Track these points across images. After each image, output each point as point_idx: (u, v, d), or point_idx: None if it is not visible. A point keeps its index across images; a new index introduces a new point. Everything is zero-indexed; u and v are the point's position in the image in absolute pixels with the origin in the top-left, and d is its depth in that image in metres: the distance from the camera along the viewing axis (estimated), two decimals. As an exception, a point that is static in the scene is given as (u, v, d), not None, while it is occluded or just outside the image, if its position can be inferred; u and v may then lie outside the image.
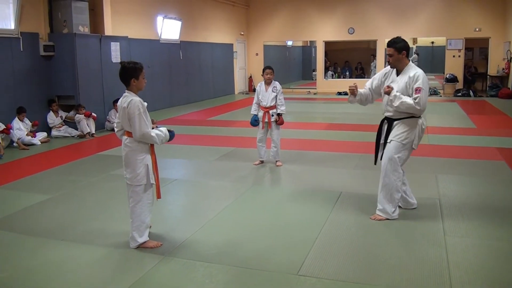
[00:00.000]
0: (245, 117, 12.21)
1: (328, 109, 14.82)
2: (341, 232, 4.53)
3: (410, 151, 4.81)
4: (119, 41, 11.64)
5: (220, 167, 7.27)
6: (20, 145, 8.94)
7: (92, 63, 10.79)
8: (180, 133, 10.06)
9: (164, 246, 4.21)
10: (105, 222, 4.91)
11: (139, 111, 3.93)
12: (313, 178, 6.52)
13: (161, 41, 14.76)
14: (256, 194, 5.83)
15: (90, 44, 10.74)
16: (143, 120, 3.95)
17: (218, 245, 4.26)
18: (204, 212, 5.17)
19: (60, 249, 4.25)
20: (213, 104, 16.24)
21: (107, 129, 11.04)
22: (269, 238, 4.41)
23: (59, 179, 6.72)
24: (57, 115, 10.34)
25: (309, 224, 4.74)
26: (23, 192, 6.09)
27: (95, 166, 7.49)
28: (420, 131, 4.76)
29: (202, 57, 17.47)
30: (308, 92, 20.56)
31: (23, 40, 9.75)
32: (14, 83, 9.61)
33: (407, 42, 4.79)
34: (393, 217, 4.79)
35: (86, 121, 10.18)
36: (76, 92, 10.41)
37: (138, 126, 3.93)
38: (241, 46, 21.10)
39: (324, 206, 5.24)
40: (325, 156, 7.81)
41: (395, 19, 18.76)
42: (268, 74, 7.06)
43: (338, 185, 6.03)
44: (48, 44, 10.31)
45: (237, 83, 20.62)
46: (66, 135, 10.24)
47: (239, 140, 9.33)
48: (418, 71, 4.67)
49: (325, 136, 9.69)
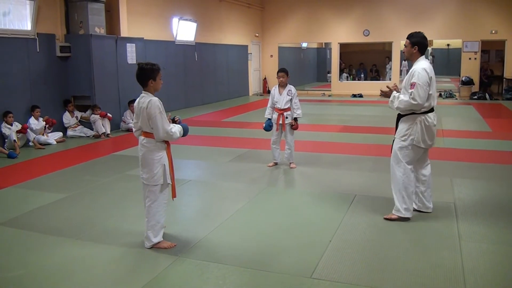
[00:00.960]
0: (259, 119, 12.23)
1: (342, 111, 14.76)
2: (355, 235, 4.51)
3: (415, 149, 4.75)
4: (134, 43, 11.73)
5: (234, 168, 7.28)
6: (36, 145, 9.05)
7: (108, 64, 10.89)
8: (195, 134, 10.11)
9: (178, 246, 4.23)
10: (120, 222, 4.94)
11: (159, 110, 3.96)
12: (327, 180, 6.50)
13: (176, 42, 14.84)
14: (270, 196, 5.83)
15: (106, 45, 10.84)
16: (164, 118, 4.00)
17: (232, 246, 4.27)
18: (218, 213, 5.18)
19: (75, 248, 4.29)
20: (227, 106, 16.28)
21: (122, 130, 11.13)
22: (282, 240, 4.41)
23: (74, 178, 6.79)
24: (72, 115, 10.44)
25: (323, 226, 4.72)
26: (38, 191, 6.17)
27: (110, 166, 7.55)
28: (424, 128, 4.68)
29: (217, 58, 17.52)
30: (323, 94, 20.51)
31: (40, 41, 9.88)
32: (30, 84, 9.74)
33: (425, 39, 4.78)
34: (404, 215, 4.78)
35: (102, 121, 10.27)
36: (91, 92, 10.51)
37: (161, 124, 3.96)
38: (256, 48, 21.12)
39: (338, 209, 5.22)
40: (339, 158, 7.78)
41: (411, 21, 18.63)
42: (280, 77, 7.03)
43: (353, 188, 6.00)
44: (65, 45, 10.43)
45: (251, 85, 20.65)
46: (82, 135, 10.34)
47: (253, 142, 9.34)
48: (417, 66, 4.67)
49: (340, 138, 9.66)
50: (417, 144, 4.72)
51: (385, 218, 4.85)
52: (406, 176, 4.77)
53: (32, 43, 9.74)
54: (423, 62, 4.72)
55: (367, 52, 22.84)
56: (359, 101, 17.58)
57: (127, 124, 11.05)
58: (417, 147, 4.75)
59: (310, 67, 27.55)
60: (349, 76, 22.55)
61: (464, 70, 18.67)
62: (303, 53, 26.15)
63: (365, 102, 17.14)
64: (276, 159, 7.30)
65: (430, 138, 4.75)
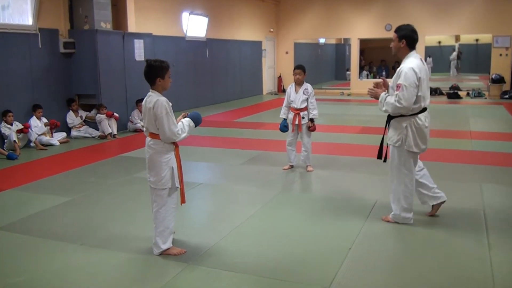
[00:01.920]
0: (274, 119, 12.21)
1: (362, 111, 14.70)
2: (376, 244, 4.48)
3: (410, 154, 4.69)
4: (143, 38, 11.80)
5: (247, 171, 7.29)
6: (38, 145, 9.13)
7: (115, 61, 10.97)
8: (205, 135, 10.14)
9: (188, 253, 4.23)
10: (127, 227, 4.97)
11: (166, 111, 3.97)
12: (346, 185, 6.47)
13: (186, 38, 14.90)
14: (284, 201, 5.82)
15: (113, 41, 10.92)
16: (171, 119, 3.99)
17: (244, 253, 4.26)
18: (230, 218, 5.18)
19: (79, 254, 4.32)
20: (240, 105, 16.30)
21: (130, 130, 11.19)
22: (298, 247, 4.39)
23: (78, 181, 6.84)
24: (77, 115, 10.53)
25: (342, 234, 4.70)
26: (40, 194, 6.22)
27: (117, 168, 7.60)
28: (415, 131, 4.62)
29: (229, 55, 17.56)
30: (341, 93, 20.45)
31: (42, 36, 9.96)
32: (32, 82, 9.84)
33: (414, 33, 4.75)
34: (405, 221, 4.83)
35: (108, 121, 10.34)
36: (97, 91, 10.59)
37: (167, 126, 3.97)
38: (271, 44, 21.13)
39: (357, 216, 5.19)
40: (359, 161, 7.74)
41: (437, 15, 18.50)
42: (297, 74, 7.01)
43: (373, 193, 5.97)
44: (68, 41, 10.52)
45: (265, 83, 20.66)
46: (86, 135, 10.42)
47: (268, 143, 9.34)
48: (405, 65, 4.60)
49: (359, 140, 9.62)
50: (410, 149, 4.66)
51: (382, 219, 4.98)
52: (406, 186, 4.75)
53: (33, 38, 9.84)
54: (412, 59, 4.65)
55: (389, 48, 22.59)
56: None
57: (134, 124, 11.11)
58: (411, 153, 4.69)
59: (328, 65, 27.50)
60: (369, 74, 22.48)
61: (494, 67, 18.46)
62: (321, 49, 26.12)
63: (387, 102, 17.00)
64: (291, 161, 7.29)
65: (423, 141, 4.68)
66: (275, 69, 21.79)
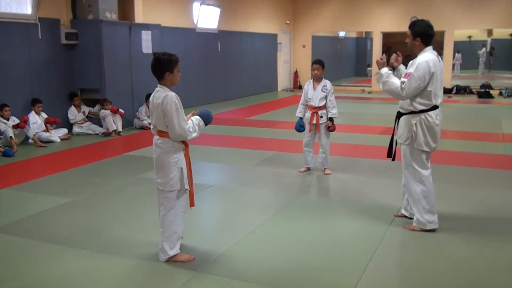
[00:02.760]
0: (289, 118, 12.18)
1: (385, 110, 14.60)
2: (400, 254, 4.44)
3: (421, 151, 4.78)
4: (150, 30, 11.84)
5: (260, 173, 7.27)
6: (37, 142, 9.17)
7: (120, 54, 11.01)
8: (216, 134, 10.14)
9: (197, 260, 4.22)
10: (132, 231, 4.97)
11: (176, 107, 3.94)
12: (367, 189, 6.43)
13: (197, 30, 14.92)
14: (300, 206, 5.79)
15: (118, 33, 10.97)
16: (180, 115, 3.97)
17: (257, 261, 4.24)
18: (242, 223, 5.17)
19: (80, 259, 4.32)
20: (253, 102, 16.30)
21: (136, 127, 11.24)
22: (315, 256, 4.37)
23: (80, 180, 6.87)
24: (79, 110, 10.58)
25: (362, 243, 4.66)
26: (39, 194, 6.26)
27: (122, 168, 7.62)
28: (425, 129, 4.72)
29: (242, 48, 17.57)
30: (362, 91, 20.36)
31: (42, 26, 10.02)
32: (31, 75, 9.90)
33: (430, 28, 4.86)
34: (429, 226, 4.81)
35: (112, 117, 10.38)
36: (101, 85, 10.64)
37: (177, 122, 3.95)
38: (287, 37, 21.11)
39: (379, 223, 5.15)
40: (381, 164, 7.68)
41: (467, 7, 18.34)
42: (315, 70, 6.99)
43: (397, 199, 5.91)
44: (71, 32, 10.58)
45: (280, 79, 20.64)
46: (89, 132, 10.48)
47: (282, 144, 9.32)
48: (421, 57, 4.72)
49: (381, 141, 9.53)
50: (420, 148, 4.76)
51: (408, 228, 4.93)
52: (423, 184, 4.80)
53: (33, 29, 9.89)
54: (428, 54, 4.76)
55: (415, 43, 22.52)
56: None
57: (141, 121, 11.15)
58: (422, 151, 4.78)
59: (348, 60, 27.41)
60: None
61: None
62: (340, 43, 26.03)
63: (412, 101, 16.90)
64: (308, 163, 7.26)
65: (434, 140, 4.78)
66: (291, 64, 21.76)
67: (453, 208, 5.54)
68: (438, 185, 5.04)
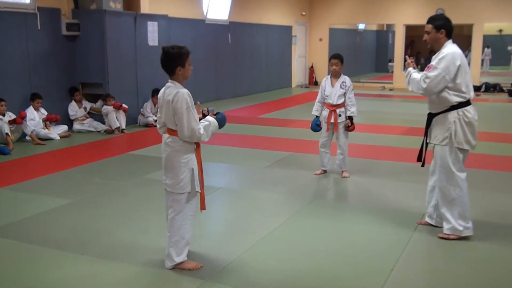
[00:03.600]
0: (304, 116, 12.16)
1: (407, 109, 14.55)
2: (424, 263, 4.41)
3: (459, 152, 4.79)
4: (157, 21, 11.87)
5: (273, 175, 7.26)
6: (35, 139, 9.21)
7: (125, 46, 11.04)
8: (226, 133, 10.13)
9: (205, 268, 4.22)
10: (136, 235, 4.97)
11: (187, 105, 3.92)
12: (387, 194, 6.39)
13: (206, 21, 14.93)
14: (316, 211, 5.78)
15: (123, 24, 11.00)
16: (191, 115, 3.94)
17: (270, 270, 4.23)
18: (254, 229, 5.17)
19: (79, 265, 4.33)
20: (266, 99, 16.29)
21: (140, 124, 11.26)
22: (332, 265, 4.35)
23: (81, 181, 6.89)
24: (80, 106, 10.61)
25: (383, 251, 4.63)
26: (36, 195, 6.28)
27: (125, 168, 7.64)
28: (464, 125, 4.74)
29: (254, 41, 17.57)
30: (383, 88, 20.30)
31: (41, 16, 10.04)
32: (29, 68, 9.94)
33: (450, 22, 5.00)
34: (463, 233, 4.79)
35: (115, 114, 10.40)
36: (104, 79, 10.68)
37: (187, 122, 3.92)
38: (302, 30, 21.09)
39: (402, 230, 5.12)
40: (403, 167, 7.64)
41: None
42: (333, 65, 6.96)
43: (420, 205, 5.86)
44: (72, 22, 10.62)
45: (295, 74, 20.63)
46: (91, 129, 10.52)
47: (297, 144, 9.31)
48: (446, 50, 4.76)
49: (404, 142, 9.51)
50: (460, 146, 4.76)
51: (440, 236, 4.87)
52: (460, 188, 4.79)
53: (32, 19, 9.92)
54: (453, 46, 4.83)
55: (440, 37, 22.40)
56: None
57: (146, 117, 11.17)
58: (461, 150, 4.79)
59: (368, 54, 27.33)
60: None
61: None
62: (360, 36, 25.96)
63: (436, 99, 16.81)
64: (325, 165, 7.23)
65: (474, 137, 4.82)
66: (307, 58, 21.73)
67: (483, 216, 5.47)
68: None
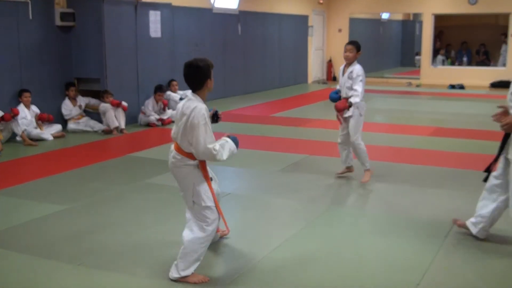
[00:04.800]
0: (322, 115, 12.20)
1: (435, 107, 14.51)
2: (453, 279, 4.41)
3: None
4: (159, 10, 11.92)
5: (287, 180, 7.27)
6: (26, 140, 9.25)
7: (125, 38, 11.10)
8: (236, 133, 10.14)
9: (212, 282, 4.25)
10: (137, 245, 5.00)
11: (205, 121, 4.10)
12: (413, 201, 6.38)
13: (214, 10, 14.96)
14: (335, 219, 5.80)
15: (123, 13, 11.06)
16: (209, 132, 4.12)
17: (282, 284, 4.25)
18: (265, 239, 5.19)
19: (76, 276, 4.38)
20: (279, 96, 16.29)
21: (141, 124, 11.28)
22: (353, 279, 4.37)
23: (76, 185, 6.94)
24: (74, 104, 10.66)
25: (408, 265, 4.64)
26: (27, 200, 6.33)
27: (125, 171, 7.70)
28: None
29: (267, 33, 17.56)
30: (409, 84, 20.22)
31: (33, 5, 10.08)
32: (20, 61, 10.00)
33: None
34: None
35: (114, 112, 10.43)
36: (102, 74, 10.74)
37: (203, 139, 4.07)
38: (319, 19, 21.07)
39: (428, 242, 5.11)
40: (430, 172, 7.64)
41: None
42: (346, 51, 6.91)
43: (449, 214, 5.87)
44: (67, 12, 10.67)
45: (311, 69, 20.60)
46: (87, 129, 10.57)
47: (314, 145, 9.32)
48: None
49: (431, 144, 9.49)
50: None
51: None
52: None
53: (23, 8, 9.96)
54: None
55: (473, 28, 22.34)
56: (460, 94, 17.22)
57: (147, 116, 11.20)
58: None
59: (392, 47, 27.24)
60: (446, 60, 22.17)
61: None
62: (383, 27, 25.89)
63: (468, 96, 16.78)
64: (345, 162, 7.22)
65: None
66: (324, 51, 21.71)
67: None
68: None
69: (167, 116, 11.19)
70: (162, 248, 4.76)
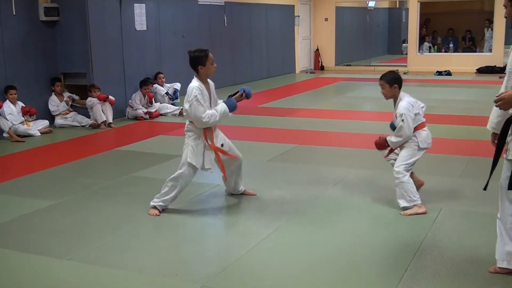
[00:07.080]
0: (310, 104, 12.22)
1: (423, 94, 14.47)
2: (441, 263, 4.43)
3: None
4: (144, 3, 11.87)
5: (275, 170, 7.29)
6: (13, 136, 9.22)
7: (110, 31, 11.06)
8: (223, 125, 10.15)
9: (202, 272, 4.26)
10: (126, 239, 5.01)
11: (196, 97, 5.36)
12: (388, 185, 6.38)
13: (200, 1, 14.89)
14: (325, 209, 5.81)
15: (107, 7, 11.01)
16: (199, 105, 5.37)
17: (270, 274, 4.27)
18: (254, 230, 5.20)
19: (65, 271, 4.38)
20: (267, 87, 16.27)
21: (129, 118, 11.25)
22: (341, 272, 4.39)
23: (64, 181, 6.93)
24: (62, 99, 10.62)
25: (396, 248, 4.68)
26: (15, 197, 6.31)
27: (114, 165, 7.68)
28: None
29: (253, 23, 17.52)
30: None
31: (17, 0, 9.98)
32: (4, 57, 9.92)
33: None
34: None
35: (101, 106, 10.40)
36: (88, 69, 10.69)
37: (194, 110, 5.36)
38: (306, 9, 21.04)
39: (417, 226, 5.15)
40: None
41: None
42: (381, 87, 6.25)
43: (437, 199, 5.90)
44: (51, 6, 10.60)
45: (299, 59, 20.58)
46: (75, 124, 10.53)
47: (303, 135, 9.32)
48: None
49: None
50: None
51: (491, 271, 4.18)
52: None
53: (6, 3, 9.86)
54: None
55: (459, 14, 22.38)
56: (446, 81, 17.26)
57: (135, 110, 11.16)
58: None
59: (379, 35, 27.25)
60: (432, 47, 22.22)
61: None
62: (370, 15, 25.89)
63: (455, 82, 16.83)
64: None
65: None
66: (312, 41, 21.68)
67: None
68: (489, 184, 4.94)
69: (155, 109, 11.18)
70: (150, 240, 4.75)
